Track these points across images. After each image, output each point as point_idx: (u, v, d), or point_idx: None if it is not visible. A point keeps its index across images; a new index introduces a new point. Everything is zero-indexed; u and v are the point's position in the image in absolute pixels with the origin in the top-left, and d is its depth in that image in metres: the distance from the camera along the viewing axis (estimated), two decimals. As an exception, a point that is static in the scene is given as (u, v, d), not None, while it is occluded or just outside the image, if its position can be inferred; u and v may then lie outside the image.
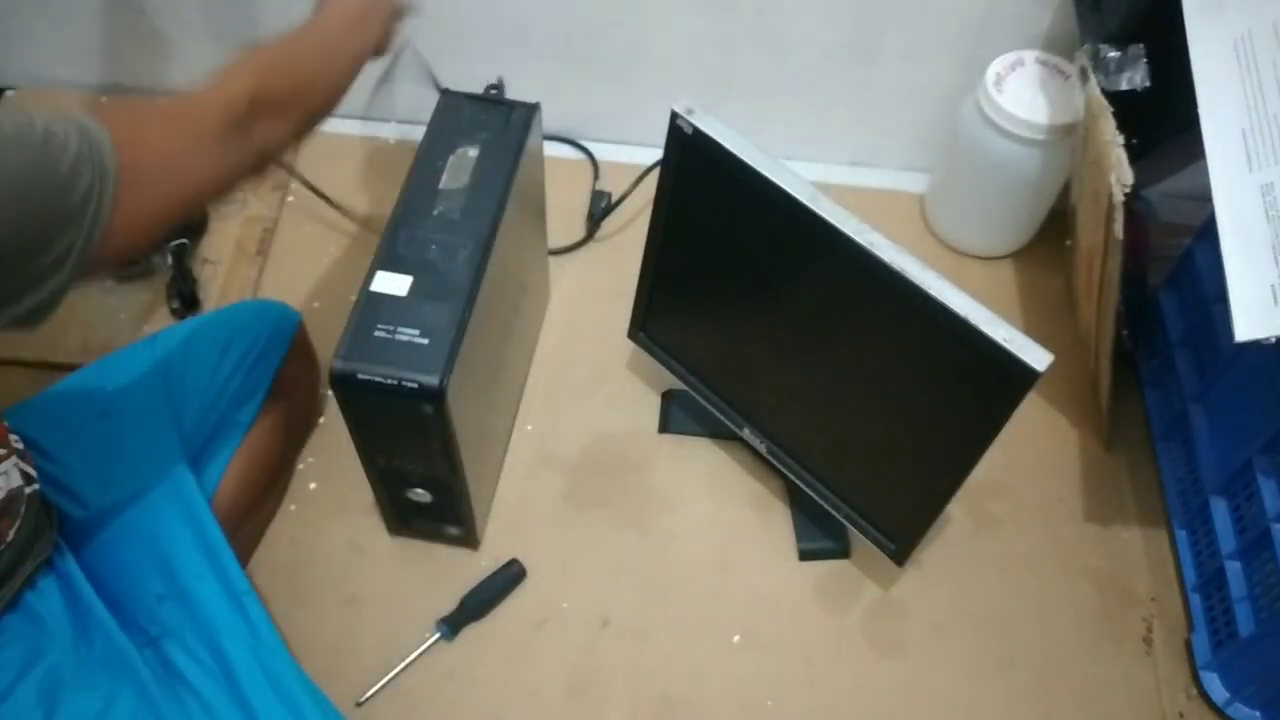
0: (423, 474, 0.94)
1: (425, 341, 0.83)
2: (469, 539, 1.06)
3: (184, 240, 1.23)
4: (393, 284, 0.86)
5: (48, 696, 0.74)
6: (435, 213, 0.91)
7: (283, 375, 1.01)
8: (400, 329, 0.83)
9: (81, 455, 0.87)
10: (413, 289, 0.86)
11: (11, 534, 0.74)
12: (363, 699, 0.98)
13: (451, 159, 0.94)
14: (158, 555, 0.85)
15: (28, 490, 0.77)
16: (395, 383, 0.81)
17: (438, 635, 1.01)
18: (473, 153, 0.95)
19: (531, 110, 0.99)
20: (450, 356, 0.83)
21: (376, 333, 0.83)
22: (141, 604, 0.84)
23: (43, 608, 0.79)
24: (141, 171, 0.62)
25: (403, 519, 1.04)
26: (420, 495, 0.97)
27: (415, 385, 0.81)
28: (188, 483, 0.89)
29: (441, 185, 0.93)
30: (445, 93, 1.00)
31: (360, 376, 0.82)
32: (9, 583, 0.76)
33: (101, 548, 0.85)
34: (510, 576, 1.05)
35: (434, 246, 0.88)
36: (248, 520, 1.03)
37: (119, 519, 0.86)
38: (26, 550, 0.77)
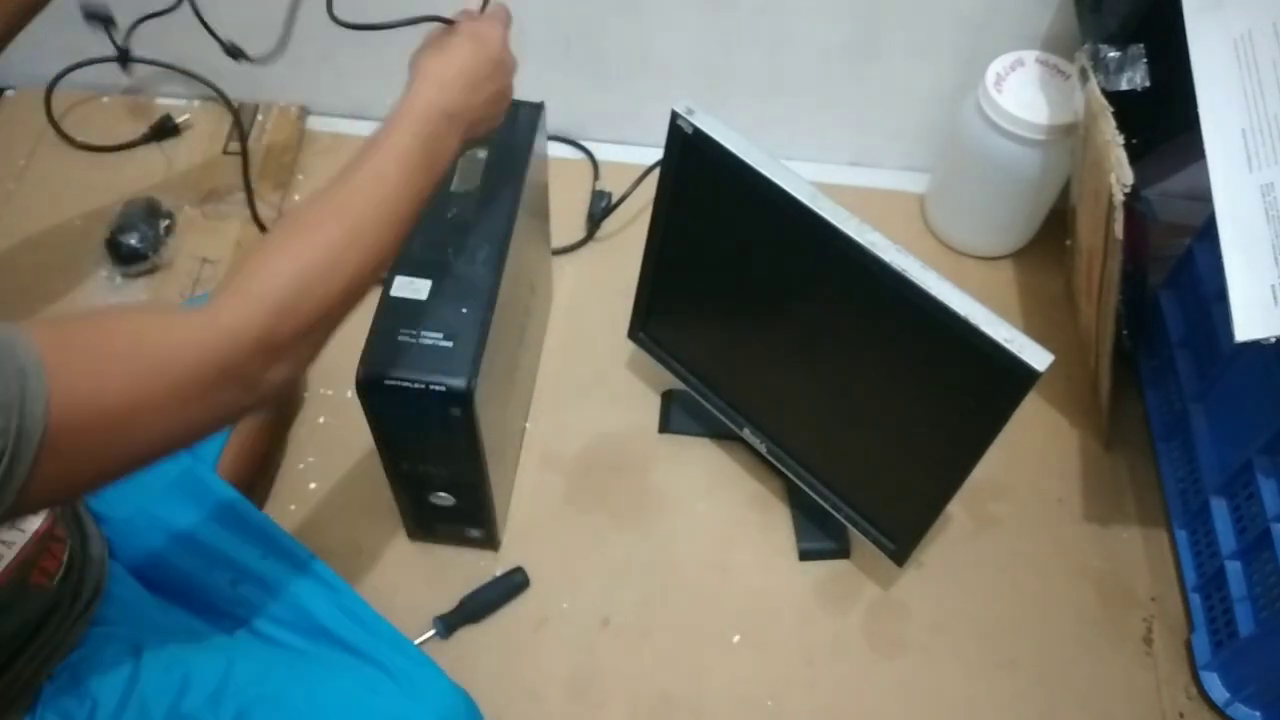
0: (448, 477, 0.94)
1: (450, 344, 0.82)
2: (490, 540, 1.06)
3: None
4: (412, 288, 0.86)
5: (175, 673, 0.75)
6: (449, 215, 0.91)
7: None
8: (423, 333, 0.83)
9: None
10: (432, 292, 0.86)
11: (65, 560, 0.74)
12: (363, 699, 0.98)
13: (461, 161, 0.94)
14: (207, 549, 0.86)
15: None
16: (423, 386, 0.81)
17: (432, 633, 1.01)
18: (481, 154, 0.95)
19: (537, 110, 0.99)
20: (476, 359, 0.82)
21: (400, 337, 0.83)
22: (217, 594, 0.86)
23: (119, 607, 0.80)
24: (83, 432, 0.47)
25: (425, 525, 1.04)
26: (444, 499, 0.96)
27: (443, 388, 0.81)
28: (200, 469, 0.89)
29: (453, 188, 0.92)
30: None
31: (386, 382, 0.81)
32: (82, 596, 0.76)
33: (141, 553, 0.85)
34: (513, 584, 1.05)
35: (451, 250, 0.88)
36: None
37: (148, 523, 0.86)
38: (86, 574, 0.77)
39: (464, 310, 0.85)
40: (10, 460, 0.43)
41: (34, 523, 0.70)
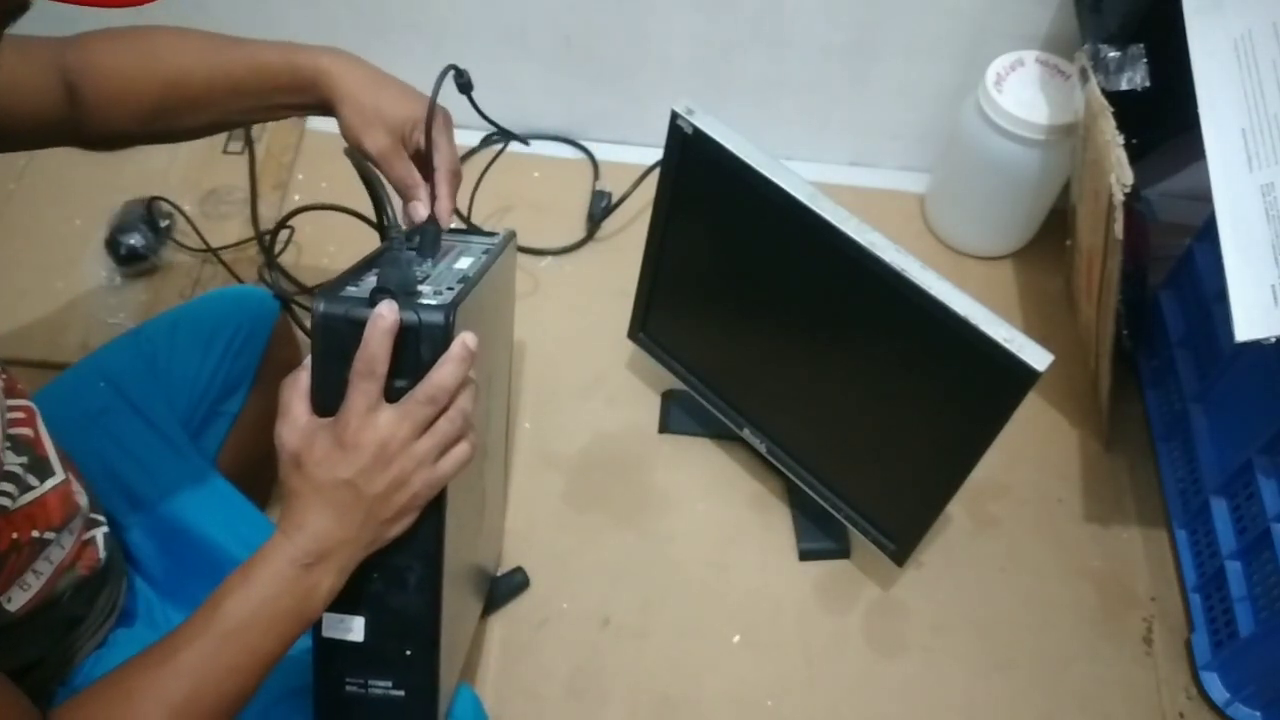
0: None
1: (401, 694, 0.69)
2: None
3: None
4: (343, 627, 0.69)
5: None
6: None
7: (266, 364, 1.00)
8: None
9: (90, 457, 0.87)
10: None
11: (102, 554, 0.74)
12: (363, 699, 0.98)
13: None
14: (214, 548, 0.84)
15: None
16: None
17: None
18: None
19: (508, 238, 0.86)
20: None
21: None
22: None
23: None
24: None
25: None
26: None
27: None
28: (213, 476, 0.88)
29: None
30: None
31: None
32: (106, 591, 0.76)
33: (152, 556, 0.85)
34: (513, 584, 1.05)
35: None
36: None
37: (158, 525, 0.85)
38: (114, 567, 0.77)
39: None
40: None
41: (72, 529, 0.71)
